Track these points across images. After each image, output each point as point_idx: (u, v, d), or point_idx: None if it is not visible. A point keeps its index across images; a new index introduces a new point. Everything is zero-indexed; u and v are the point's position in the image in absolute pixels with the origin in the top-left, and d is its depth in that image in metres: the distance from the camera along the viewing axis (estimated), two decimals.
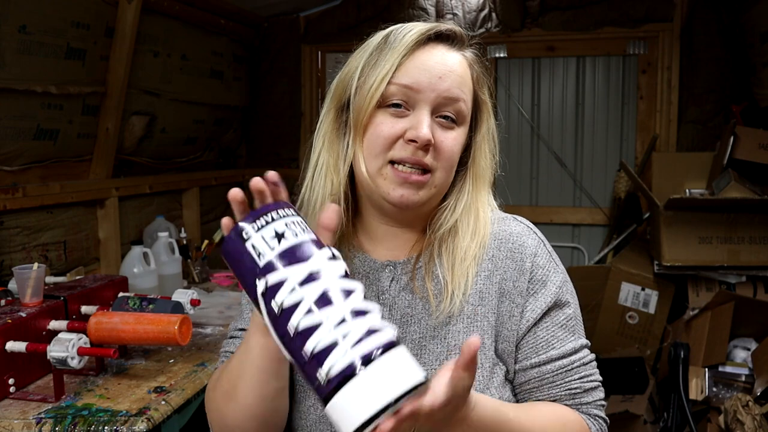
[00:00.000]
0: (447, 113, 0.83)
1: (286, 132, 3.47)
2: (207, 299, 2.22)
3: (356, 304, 0.57)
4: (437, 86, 0.81)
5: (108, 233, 2.37)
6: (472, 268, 0.85)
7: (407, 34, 0.83)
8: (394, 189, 0.81)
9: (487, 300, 0.85)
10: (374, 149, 0.82)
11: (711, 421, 2.25)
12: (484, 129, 0.89)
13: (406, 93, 0.81)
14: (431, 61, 0.82)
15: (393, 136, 0.81)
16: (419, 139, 0.79)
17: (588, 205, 3.22)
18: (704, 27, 2.84)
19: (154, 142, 2.66)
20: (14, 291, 1.58)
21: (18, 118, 1.96)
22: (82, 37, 2.10)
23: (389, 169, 0.82)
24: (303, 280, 0.58)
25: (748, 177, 2.49)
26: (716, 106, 2.87)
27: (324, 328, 0.55)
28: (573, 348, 0.86)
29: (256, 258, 0.59)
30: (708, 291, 2.54)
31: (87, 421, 1.25)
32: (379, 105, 0.82)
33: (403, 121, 0.81)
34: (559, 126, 3.24)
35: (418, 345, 0.84)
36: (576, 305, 0.90)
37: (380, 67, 0.82)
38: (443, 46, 0.85)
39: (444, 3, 3.10)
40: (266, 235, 0.60)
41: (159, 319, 1.39)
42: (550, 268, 0.88)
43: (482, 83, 0.90)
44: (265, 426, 0.80)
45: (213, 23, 2.88)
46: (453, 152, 0.84)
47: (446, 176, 0.84)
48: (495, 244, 0.89)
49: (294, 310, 0.57)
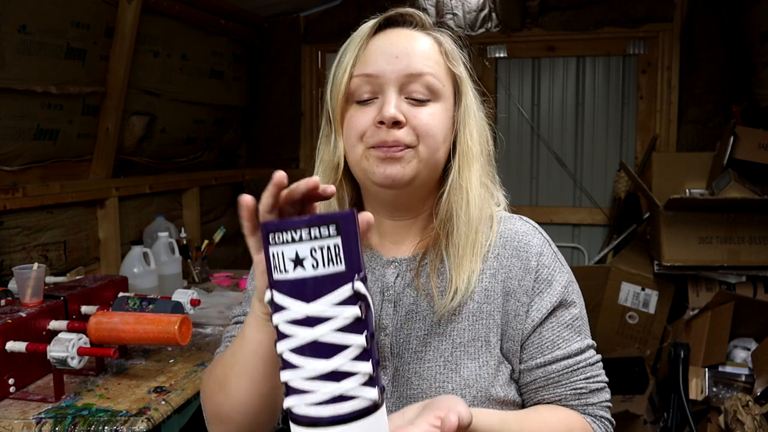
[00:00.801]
0: (415, 93, 0.82)
1: (286, 132, 3.46)
2: (207, 299, 2.22)
3: (337, 364, 0.55)
4: (396, 65, 0.81)
5: (108, 233, 2.37)
6: (476, 258, 0.85)
7: (364, 27, 0.86)
8: (377, 167, 0.81)
9: (493, 298, 0.85)
10: (351, 140, 0.84)
11: (711, 421, 2.25)
12: (463, 104, 0.87)
13: (369, 82, 0.82)
14: (387, 43, 0.84)
15: (365, 125, 0.82)
16: (385, 118, 0.79)
17: (588, 205, 3.22)
18: (704, 27, 2.84)
19: (154, 142, 2.66)
20: (14, 291, 1.58)
21: (18, 118, 1.95)
22: (82, 37, 2.10)
23: (371, 151, 0.82)
24: (299, 320, 0.55)
25: (748, 177, 2.49)
26: (716, 106, 2.87)
27: (299, 374, 0.55)
28: (579, 348, 0.85)
29: (272, 267, 0.57)
30: (708, 291, 2.54)
31: (87, 421, 1.25)
32: (351, 101, 0.84)
33: (373, 108, 0.83)
34: (559, 126, 3.24)
35: (423, 342, 0.84)
36: (582, 305, 0.90)
37: (343, 63, 0.84)
38: (402, 30, 0.86)
39: (444, 3, 3.10)
40: (285, 254, 0.55)
41: (159, 319, 1.39)
42: (555, 268, 0.88)
43: (455, 58, 0.87)
44: (256, 421, 0.79)
45: (213, 23, 2.88)
46: (430, 125, 0.82)
47: (431, 152, 0.82)
48: (500, 242, 0.88)
49: (284, 337, 0.56)
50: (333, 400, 0.55)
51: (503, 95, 3.29)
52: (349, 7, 3.24)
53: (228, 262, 3.17)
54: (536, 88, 3.26)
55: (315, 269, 0.55)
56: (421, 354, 0.84)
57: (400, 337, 0.85)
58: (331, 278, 0.55)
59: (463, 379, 0.82)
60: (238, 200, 0.64)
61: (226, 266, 3.06)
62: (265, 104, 3.46)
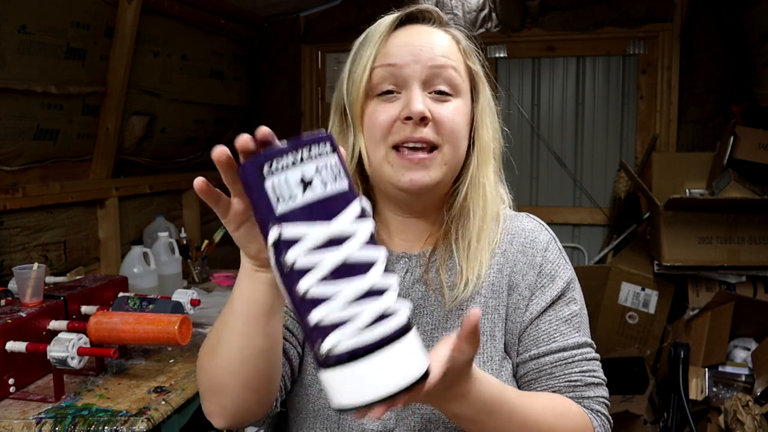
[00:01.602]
0: (439, 86, 0.82)
1: (287, 132, 3.41)
2: (207, 299, 2.22)
3: (374, 280, 0.52)
4: (420, 57, 0.81)
5: (108, 233, 2.37)
6: (486, 252, 0.85)
7: (383, 22, 0.85)
8: (402, 174, 0.80)
9: (499, 293, 0.85)
10: (374, 137, 0.82)
11: (711, 421, 2.25)
12: (482, 101, 0.88)
13: (392, 73, 0.81)
14: (410, 37, 0.83)
15: (389, 120, 0.80)
16: (413, 114, 0.78)
17: (588, 205, 3.22)
18: (704, 27, 2.84)
19: (154, 142, 2.66)
20: (14, 291, 1.58)
21: (18, 118, 1.95)
22: (82, 37, 2.10)
23: (394, 155, 0.81)
24: (323, 243, 0.51)
25: (748, 177, 2.49)
26: (716, 106, 2.87)
27: (335, 304, 0.51)
28: (576, 343, 0.84)
29: (274, 203, 0.51)
30: (708, 291, 2.54)
31: (87, 421, 1.25)
32: (371, 95, 0.83)
33: (397, 103, 0.81)
34: (559, 126, 3.24)
35: (429, 335, 0.84)
36: (582, 305, 0.89)
37: (363, 57, 0.83)
38: (422, 26, 0.86)
39: (444, 3, 3.10)
40: (291, 178, 0.51)
41: (159, 319, 1.39)
42: (559, 264, 0.88)
43: (472, 55, 0.88)
44: (246, 387, 0.73)
45: (213, 23, 2.88)
46: (455, 122, 0.82)
47: (454, 151, 0.82)
48: (507, 238, 0.89)
49: (306, 273, 0.51)
50: (379, 319, 0.52)
51: (503, 95, 3.29)
52: (349, 7, 3.24)
53: (228, 262, 3.17)
54: (536, 88, 3.26)
55: (325, 188, 0.52)
56: (427, 347, 0.82)
57: None
58: (341, 196, 0.53)
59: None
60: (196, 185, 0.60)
61: (226, 266, 3.06)
62: (265, 104, 3.46)
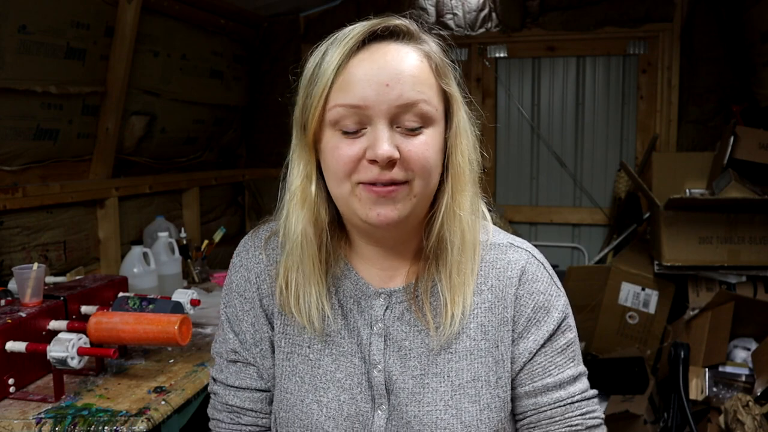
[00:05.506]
0: (408, 122, 0.75)
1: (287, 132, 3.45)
2: (207, 299, 2.21)
3: None
4: (386, 96, 0.73)
5: (108, 233, 2.37)
6: (469, 283, 0.81)
7: (344, 40, 0.76)
8: (370, 208, 0.75)
9: (491, 333, 0.82)
10: (337, 174, 0.76)
11: (711, 421, 2.25)
12: (455, 124, 0.80)
13: (355, 113, 0.74)
14: (374, 68, 0.74)
15: (353, 159, 0.74)
16: (379, 158, 0.72)
17: (588, 205, 3.22)
18: (704, 27, 2.84)
19: (154, 142, 2.66)
20: (14, 291, 1.58)
21: (18, 118, 1.95)
22: (82, 37, 2.10)
23: (361, 188, 0.75)
24: None
25: (748, 177, 2.49)
26: (716, 106, 2.87)
27: None
28: (571, 375, 0.83)
29: None
30: (708, 291, 2.54)
31: (87, 421, 1.25)
32: (332, 128, 0.76)
33: (361, 140, 0.74)
34: (559, 126, 3.24)
35: (420, 383, 0.81)
36: (575, 330, 0.87)
37: (321, 78, 0.76)
38: (389, 45, 0.77)
39: (444, 3, 3.10)
40: None
41: (159, 319, 1.39)
42: (552, 293, 0.85)
43: (446, 74, 0.79)
44: None
45: (213, 23, 2.88)
46: (424, 158, 0.75)
47: (425, 184, 0.76)
48: (494, 273, 0.84)
49: None
50: None
51: (503, 95, 3.29)
52: (349, 7, 3.24)
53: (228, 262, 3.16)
54: (536, 88, 3.26)
55: None
56: (419, 396, 0.80)
57: (394, 373, 0.82)
58: None
59: (465, 426, 0.79)
60: None
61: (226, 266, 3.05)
62: (265, 104, 3.46)
